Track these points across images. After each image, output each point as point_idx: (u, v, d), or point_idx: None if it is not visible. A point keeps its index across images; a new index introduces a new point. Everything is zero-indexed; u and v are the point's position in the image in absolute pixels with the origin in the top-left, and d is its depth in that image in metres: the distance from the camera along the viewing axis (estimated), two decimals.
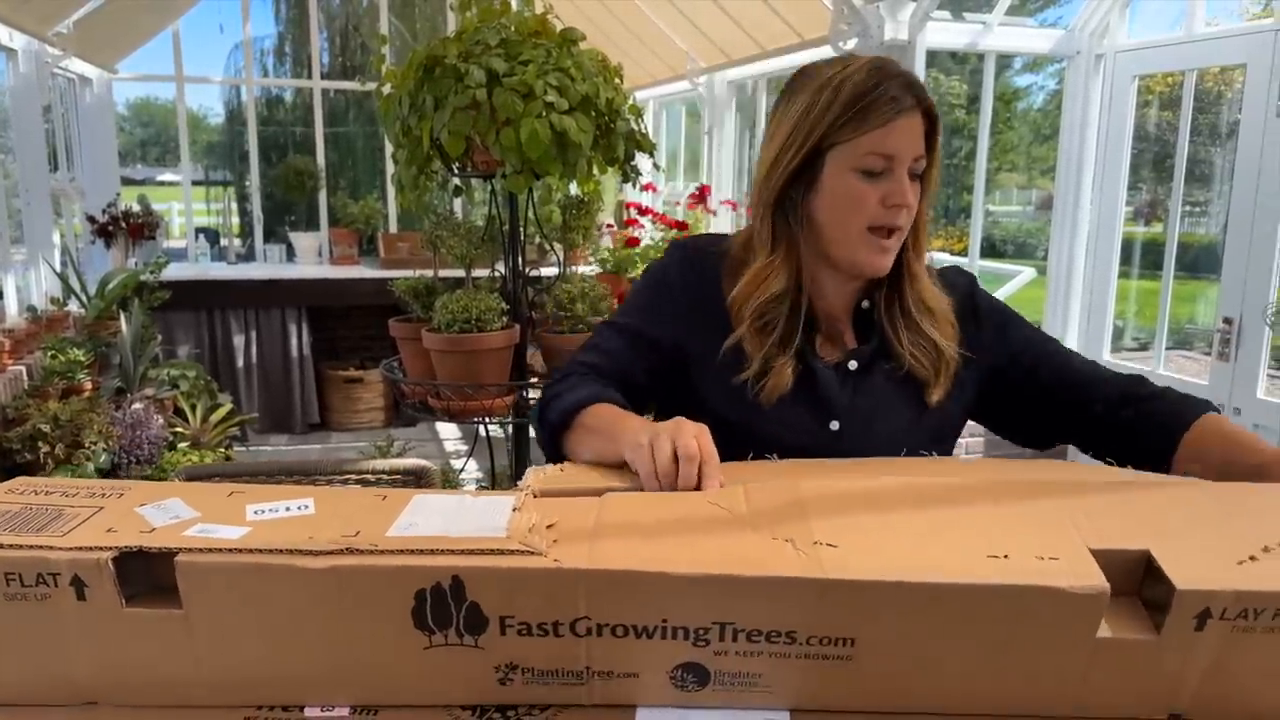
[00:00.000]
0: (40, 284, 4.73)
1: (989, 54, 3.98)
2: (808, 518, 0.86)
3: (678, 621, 0.78)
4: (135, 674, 0.83)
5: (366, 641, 0.81)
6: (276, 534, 0.83)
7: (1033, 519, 0.86)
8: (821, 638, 0.79)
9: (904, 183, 1.15)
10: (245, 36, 6.39)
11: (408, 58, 2.30)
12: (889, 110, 1.12)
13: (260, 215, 6.57)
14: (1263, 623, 0.76)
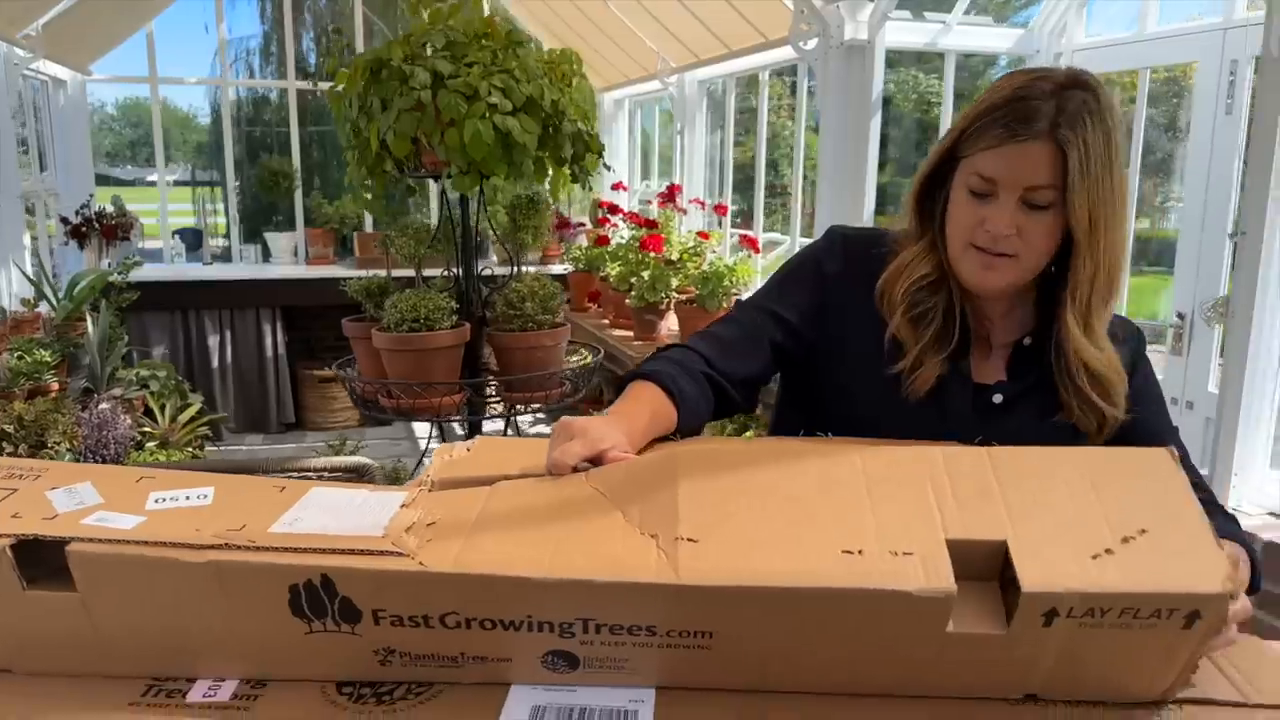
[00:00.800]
0: (10, 286, 4.73)
1: (948, 53, 4.02)
2: (678, 507, 0.88)
3: (542, 617, 0.82)
4: (41, 647, 0.88)
5: (251, 625, 0.84)
6: (167, 525, 0.87)
7: (899, 508, 0.87)
8: (681, 631, 0.82)
9: (1005, 209, 1.11)
10: (220, 37, 6.39)
11: (354, 60, 2.33)
12: (1002, 133, 1.09)
13: (237, 216, 6.57)
14: (1110, 620, 0.79)
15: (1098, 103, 1.10)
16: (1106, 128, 1.09)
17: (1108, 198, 1.10)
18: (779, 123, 6.14)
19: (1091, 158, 1.08)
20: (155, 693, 0.87)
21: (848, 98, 3.78)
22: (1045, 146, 1.08)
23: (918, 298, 1.20)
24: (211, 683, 0.88)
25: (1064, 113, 1.08)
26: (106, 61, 6.29)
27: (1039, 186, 1.10)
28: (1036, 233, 1.12)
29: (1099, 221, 1.10)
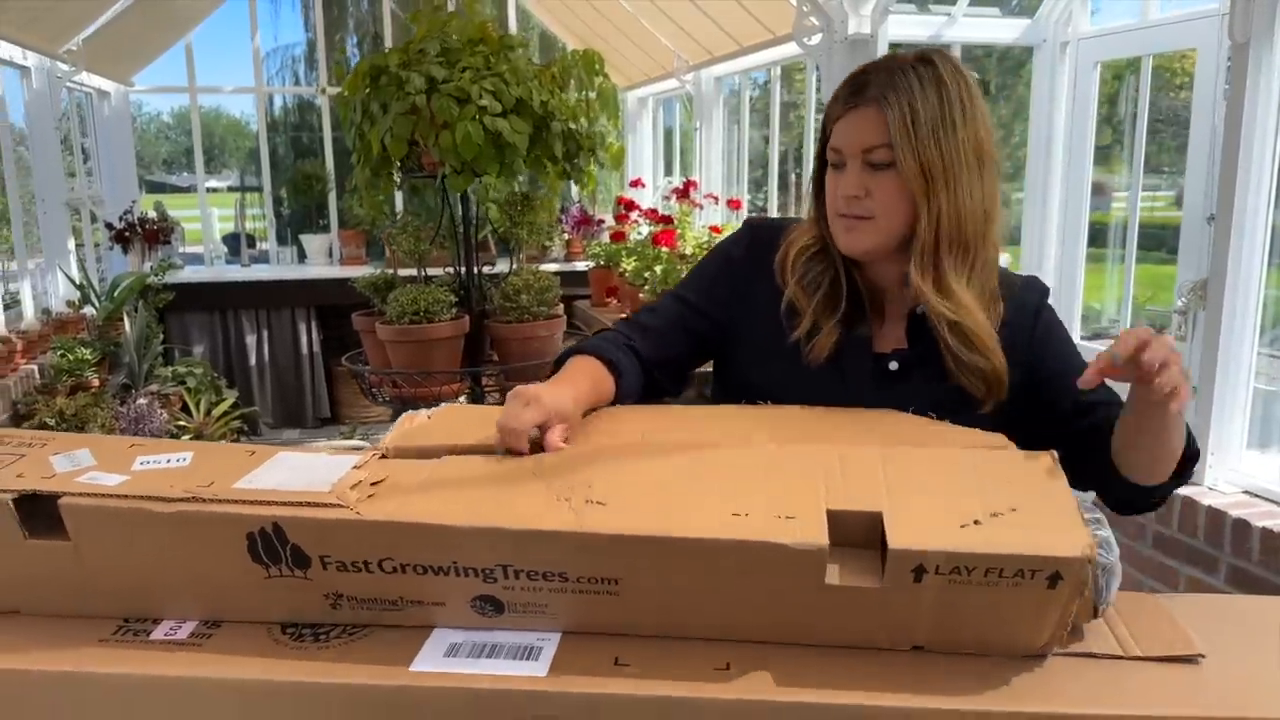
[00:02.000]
0: (57, 289, 4.98)
1: (954, 45, 4.06)
2: (593, 480, 0.98)
3: (466, 563, 0.92)
4: (40, 591, 1.01)
5: (217, 571, 0.97)
6: (145, 482, 0.99)
7: (790, 481, 0.96)
8: (590, 578, 0.92)
9: (852, 173, 1.21)
10: (255, 46, 6.61)
11: (354, 67, 2.46)
12: (840, 106, 1.22)
13: (273, 219, 6.79)
14: (976, 578, 0.86)
15: (932, 72, 1.19)
16: (942, 94, 1.18)
17: (947, 156, 1.18)
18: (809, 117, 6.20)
19: (920, 119, 1.17)
20: (124, 632, 0.99)
21: None
22: (873, 109, 1.19)
23: (807, 267, 1.29)
24: (174, 623, 1.00)
25: (892, 81, 1.18)
26: (149, 72, 6.55)
27: (874, 146, 1.19)
28: (884, 190, 1.20)
29: (935, 178, 1.18)
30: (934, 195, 1.19)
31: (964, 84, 1.21)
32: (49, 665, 0.94)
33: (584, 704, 0.87)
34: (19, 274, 4.58)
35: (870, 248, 1.24)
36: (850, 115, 1.21)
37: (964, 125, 1.19)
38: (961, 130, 1.19)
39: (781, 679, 0.88)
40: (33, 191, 4.93)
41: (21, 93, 4.81)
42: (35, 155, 4.92)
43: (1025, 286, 1.33)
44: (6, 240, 5.37)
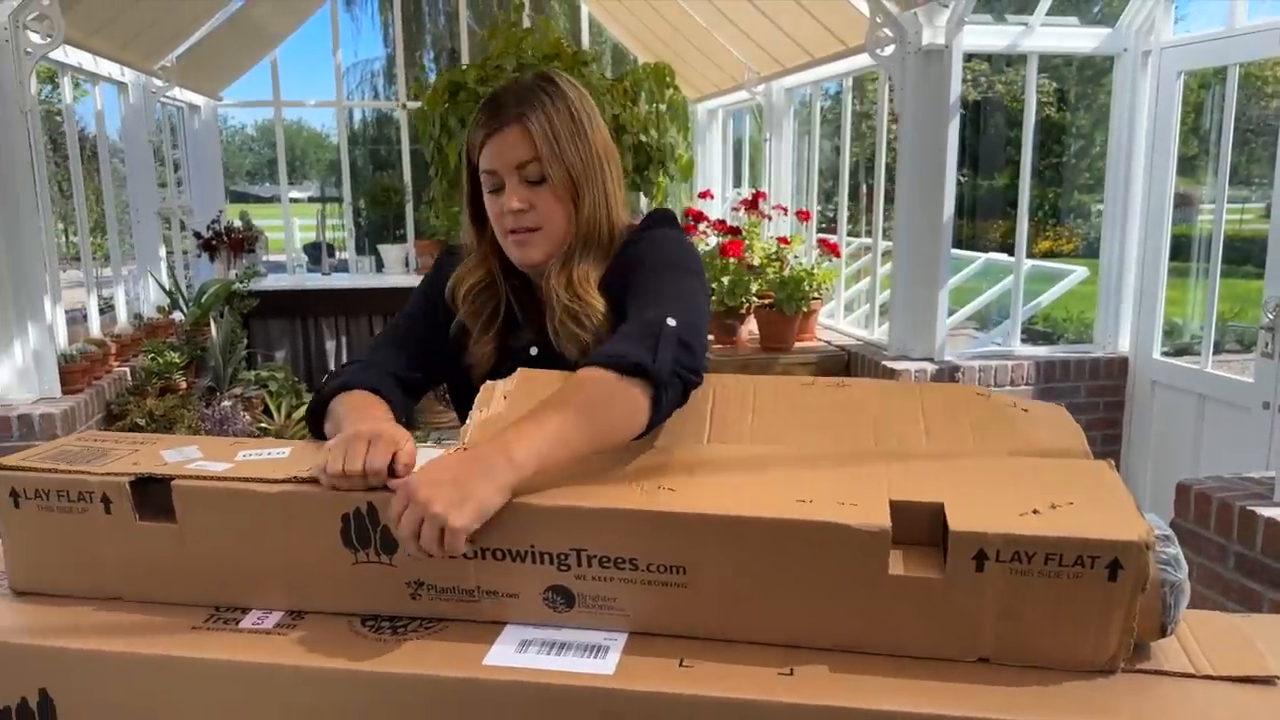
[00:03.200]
0: (149, 295, 5.19)
1: (1031, 55, 4.00)
2: (667, 470, 1.03)
3: (542, 548, 0.97)
4: (144, 573, 1.07)
5: (307, 555, 1.02)
6: (249, 469, 1.06)
7: (852, 476, 1.00)
8: (659, 565, 0.95)
9: (512, 190, 1.30)
10: (336, 62, 6.81)
11: (434, 83, 2.53)
12: (484, 131, 1.30)
13: (352, 229, 6.98)
14: (1036, 566, 0.87)
15: (554, 87, 1.32)
16: (568, 106, 1.31)
17: (586, 161, 1.31)
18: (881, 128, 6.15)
19: (557, 129, 1.29)
20: (214, 620, 1.05)
21: (926, 103, 3.81)
22: (516, 128, 1.29)
23: (477, 299, 1.39)
24: (261, 612, 1.05)
25: (525, 100, 1.30)
26: (236, 87, 6.80)
27: (525, 162, 1.30)
28: (544, 203, 1.31)
29: (581, 183, 1.31)
30: (582, 201, 1.32)
31: (580, 94, 1.35)
32: (145, 649, 1.00)
33: (650, 703, 0.90)
34: (114, 280, 4.79)
35: (544, 257, 1.34)
36: (496, 138, 1.30)
37: (592, 130, 1.33)
38: (591, 134, 1.33)
39: (846, 685, 0.89)
40: (127, 201, 5.16)
41: (119, 108, 5.04)
42: (130, 167, 5.15)
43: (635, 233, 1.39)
44: (102, 248, 5.62)
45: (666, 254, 1.32)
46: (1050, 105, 14.74)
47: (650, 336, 1.12)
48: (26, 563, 1.12)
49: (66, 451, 1.14)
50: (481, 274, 1.40)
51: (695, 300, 1.25)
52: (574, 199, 1.32)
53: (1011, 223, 15.45)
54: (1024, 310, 4.21)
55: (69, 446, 1.17)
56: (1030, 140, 4.15)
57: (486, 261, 1.40)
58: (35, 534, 1.09)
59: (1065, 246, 15.55)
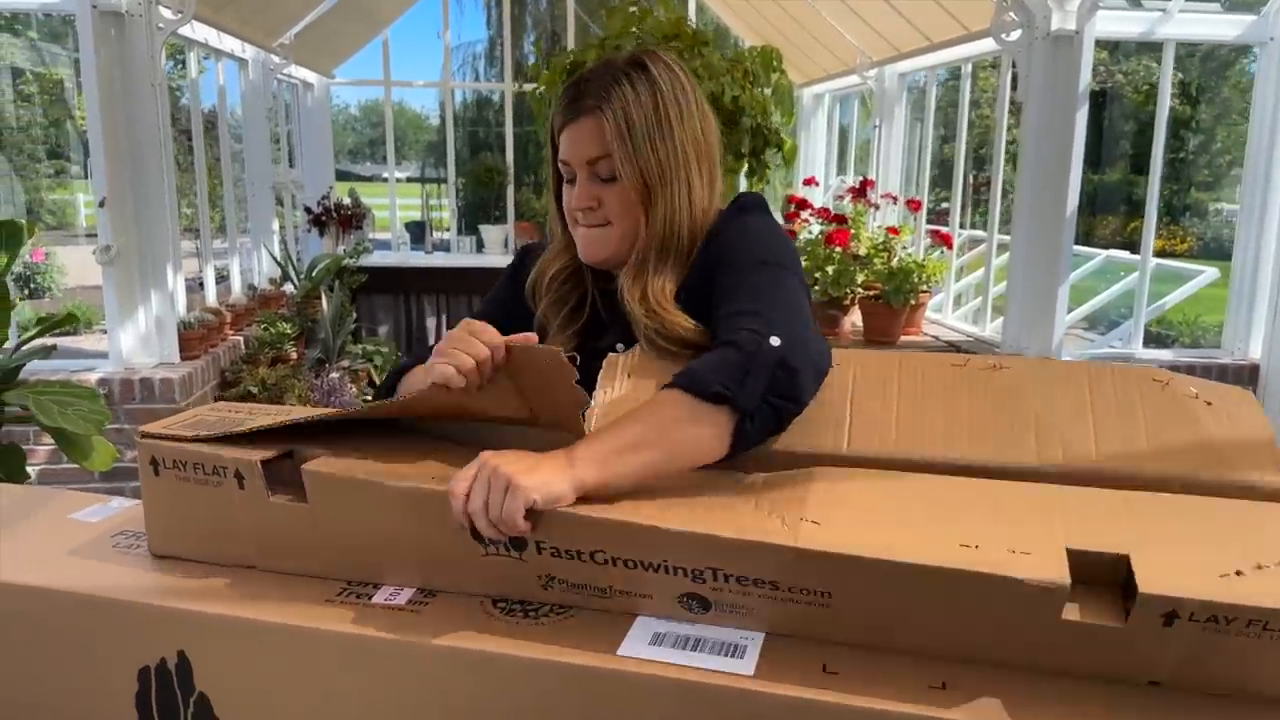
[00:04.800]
0: (261, 266, 5.35)
1: (1168, 42, 3.80)
2: (806, 499, 0.95)
3: (676, 563, 0.92)
4: (277, 546, 1.08)
5: (437, 544, 1.01)
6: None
7: (1022, 520, 0.90)
8: (801, 589, 0.90)
9: (581, 184, 1.22)
10: (446, 43, 6.89)
11: (552, 63, 2.52)
12: (561, 119, 1.22)
13: (455, 209, 7.07)
14: (1236, 629, 0.78)
15: (645, 75, 1.19)
16: (655, 97, 1.18)
17: (665, 161, 1.19)
18: (991, 116, 5.96)
19: (635, 126, 1.18)
20: (347, 594, 1.05)
21: (1053, 91, 3.65)
22: (592, 120, 1.19)
23: (560, 290, 1.31)
24: (393, 589, 1.05)
25: (606, 89, 1.18)
26: (347, 66, 6.94)
27: (596, 158, 1.20)
28: (612, 200, 1.22)
29: (654, 185, 1.20)
30: (655, 203, 1.21)
31: (677, 81, 1.22)
32: (280, 618, 1.00)
33: (792, 709, 0.85)
34: (229, 252, 4.95)
35: (609, 255, 1.26)
36: (571, 128, 1.22)
37: (681, 124, 1.21)
38: (679, 130, 1.20)
39: (1011, 707, 0.83)
40: (242, 176, 5.32)
41: (239, 83, 5.19)
42: (247, 142, 5.30)
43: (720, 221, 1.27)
44: (217, 220, 5.81)
45: (758, 247, 1.20)
46: (1176, 97, 14.06)
47: (745, 359, 1.03)
48: (164, 529, 1.14)
49: (204, 420, 1.15)
50: (565, 262, 1.33)
51: (796, 305, 1.14)
52: (647, 201, 1.22)
53: (1124, 220, 14.82)
54: (1147, 311, 4.02)
55: (206, 416, 1.18)
56: (1162, 134, 3.95)
57: (571, 249, 1.32)
58: (173, 501, 1.11)
59: (1179, 246, 14.87)
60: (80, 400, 1.97)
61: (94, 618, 1.06)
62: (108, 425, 2.04)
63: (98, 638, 1.06)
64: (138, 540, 1.18)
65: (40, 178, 12.52)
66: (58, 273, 8.18)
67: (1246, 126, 3.77)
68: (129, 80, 3.41)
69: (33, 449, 3.28)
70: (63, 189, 13.38)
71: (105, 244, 3.40)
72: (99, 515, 1.26)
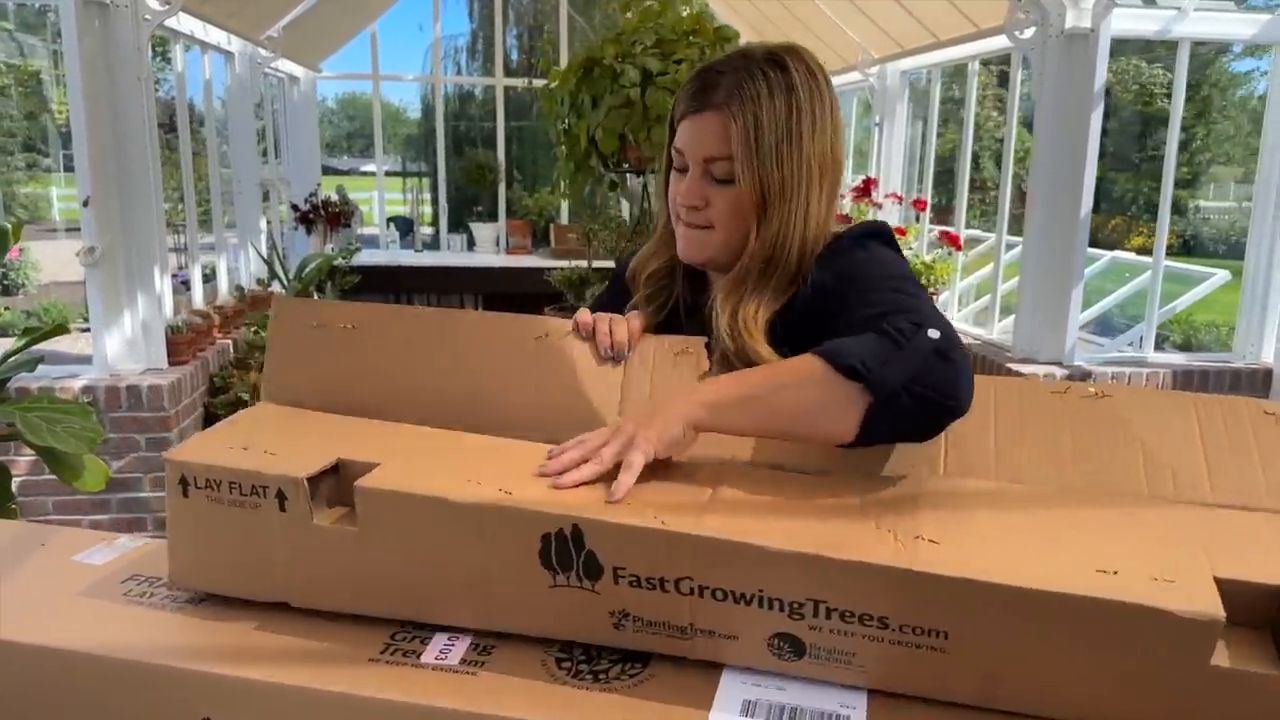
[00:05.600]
0: (248, 266, 5.20)
1: (1183, 41, 3.73)
2: (918, 512, 0.87)
3: (773, 593, 0.82)
4: (317, 576, 0.96)
5: (500, 573, 0.90)
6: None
7: (1154, 536, 0.83)
8: (915, 627, 0.80)
9: (692, 180, 1.13)
10: (435, 36, 6.76)
11: (569, 58, 2.41)
12: (686, 106, 1.13)
13: (445, 206, 6.94)
14: None
15: (784, 77, 1.10)
16: (792, 102, 1.09)
17: (788, 175, 1.10)
18: (981, 114, 5.89)
19: (764, 133, 1.08)
20: (393, 651, 0.94)
21: (1067, 90, 3.58)
22: (719, 117, 1.09)
23: (655, 284, 1.25)
24: (446, 640, 0.94)
25: (741, 85, 1.09)
26: (333, 60, 6.79)
27: (715, 158, 1.11)
28: (721, 204, 1.13)
29: (773, 200, 1.10)
30: (769, 218, 1.12)
31: (816, 89, 1.12)
32: (320, 683, 0.89)
33: None
34: (216, 250, 4.80)
35: (708, 259, 1.18)
36: (695, 119, 1.12)
37: (812, 138, 1.11)
38: (808, 144, 1.11)
39: None
40: (228, 172, 5.17)
41: (224, 77, 5.04)
42: (233, 137, 5.15)
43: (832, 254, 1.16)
44: (202, 217, 5.66)
45: (883, 272, 1.11)
46: (1163, 96, 14.13)
47: (892, 343, 0.94)
48: (191, 559, 1.02)
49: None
50: (663, 260, 1.26)
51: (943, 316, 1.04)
52: (761, 212, 1.12)
53: (1104, 218, 14.83)
54: (1159, 315, 3.96)
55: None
56: (1175, 134, 3.89)
57: (670, 246, 1.25)
58: (203, 527, 0.99)
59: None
60: (70, 417, 1.84)
61: (108, 683, 0.94)
62: (100, 442, 1.91)
63: (112, 706, 0.95)
64: (151, 587, 1.07)
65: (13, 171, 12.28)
66: (32, 269, 7.99)
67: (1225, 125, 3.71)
68: (114, 73, 3.27)
69: (12, 460, 3.14)
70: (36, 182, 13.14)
71: (89, 245, 3.25)
72: (104, 557, 1.15)
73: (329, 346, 1.15)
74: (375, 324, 1.16)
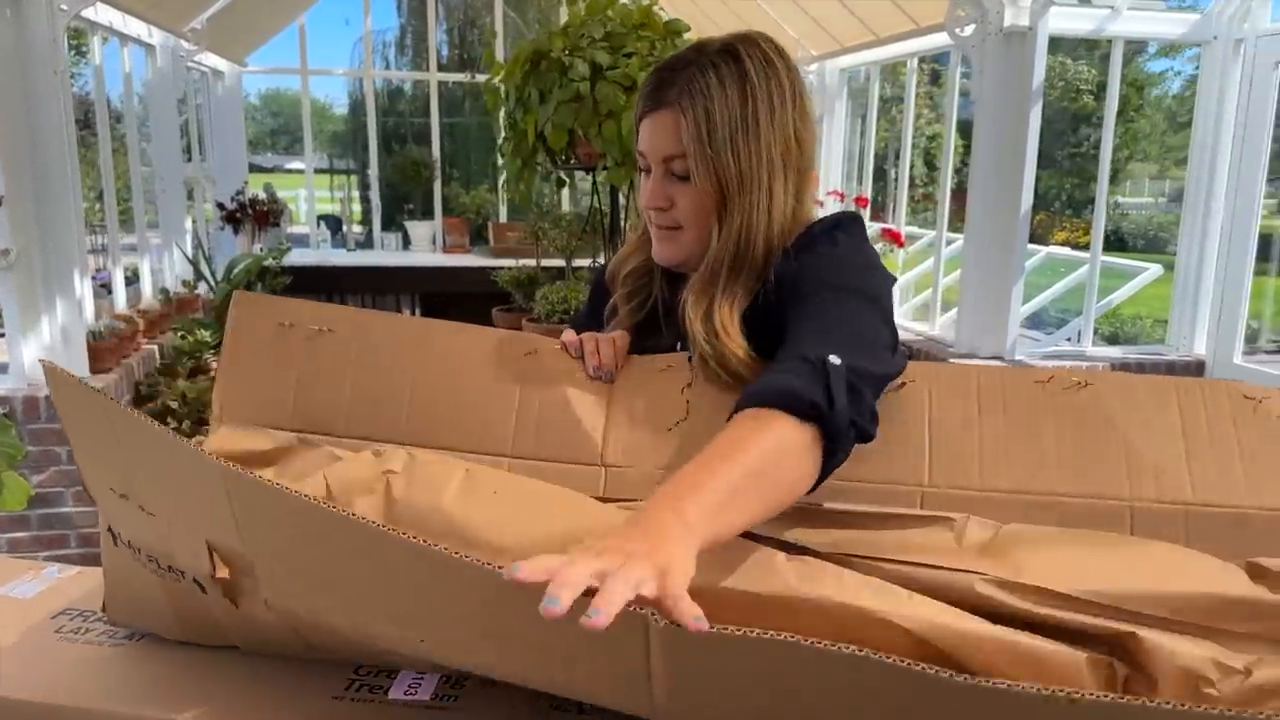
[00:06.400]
0: (173, 267, 5.00)
1: (1116, 40, 3.80)
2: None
3: None
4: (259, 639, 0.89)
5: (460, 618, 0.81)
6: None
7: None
8: None
9: (655, 182, 1.11)
10: (366, 29, 6.59)
11: (514, 51, 2.34)
12: (643, 107, 1.11)
13: (379, 204, 6.78)
14: None
15: (736, 68, 1.06)
16: (744, 92, 1.06)
17: (746, 166, 1.06)
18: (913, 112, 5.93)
19: (716, 127, 1.05)
20: (358, 686, 0.87)
21: (1007, 87, 3.61)
22: (670, 114, 1.07)
23: (634, 284, 1.22)
24: (413, 678, 0.88)
25: (692, 80, 1.06)
26: (259, 54, 6.57)
27: (673, 156, 1.09)
28: (684, 202, 1.10)
29: (731, 193, 1.07)
30: (730, 212, 1.08)
31: (774, 76, 1.08)
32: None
33: None
34: (139, 251, 4.60)
35: (682, 259, 1.15)
36: (651, 118, 1.10)
37: (770, 126, 1.07)
38: (766, 132, 1.07)
39: None
40: (150, 170, 4.96)
41: (145, 71, 4.83)
42: (156, 133, 4.94)
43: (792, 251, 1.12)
44: (126, 216, 5.43)
45: (838, 273, 1.07)
46: (1089, 93, 14.51)
47: (817, 374, 0.88)
48: (126, 601, 0.95)
49: None
50: (640, 260, 1.23)
51: (867, 334, 0.99)
52: (722, 207, 1.09)
53: (1039, 215, 15.16)
54: (1095, 309, 4.03)
55: None
56: (1110, 131, 3.96)
57: (647, 246, 1.22)
58: (136, 578, 0.91)
59: (1083, 239, 15.42)
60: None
61: None
62: (21, 458, 1.79)
63: None
64: (85, 622, 0.98)
65: None
66: None
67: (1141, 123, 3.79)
68: (28, 67, 3.09)
69: None
70: None
71: (3, 247, 3.07)
72: (32, 590, 1.05)
73: (301, 353, 1.05)
74: (355, 329, 1.08)
